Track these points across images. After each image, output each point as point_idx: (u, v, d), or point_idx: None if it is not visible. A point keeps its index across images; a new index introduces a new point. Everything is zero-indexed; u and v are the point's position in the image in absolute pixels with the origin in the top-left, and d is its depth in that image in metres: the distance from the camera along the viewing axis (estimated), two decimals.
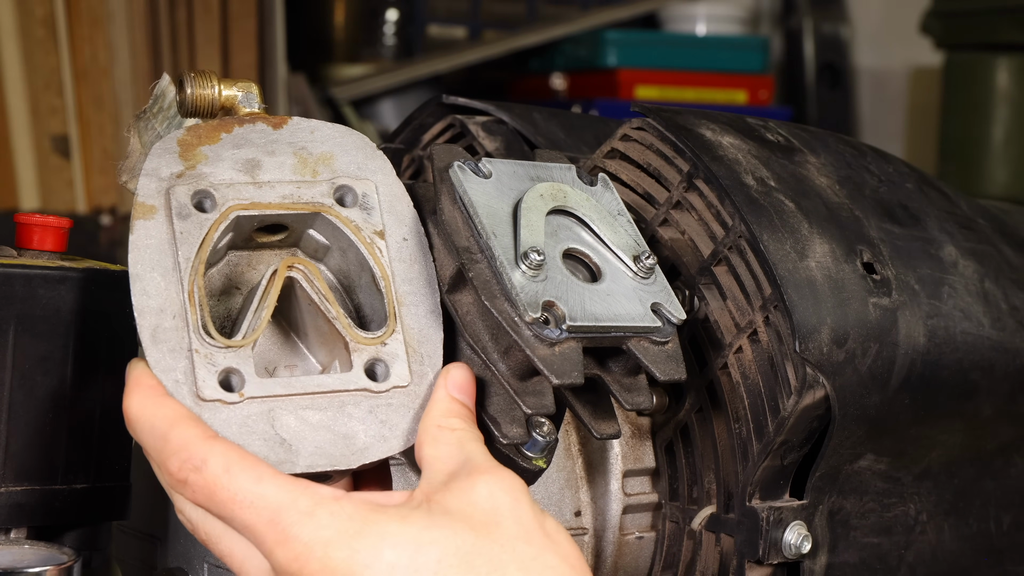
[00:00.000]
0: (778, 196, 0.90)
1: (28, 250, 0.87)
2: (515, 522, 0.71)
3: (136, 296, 0.76)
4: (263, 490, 0.70)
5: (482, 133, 1.03)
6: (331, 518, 0.70)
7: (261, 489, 0.70)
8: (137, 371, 0.75)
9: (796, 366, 0.84)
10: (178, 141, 0.80)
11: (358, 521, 0.70)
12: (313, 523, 0.69)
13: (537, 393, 0.80)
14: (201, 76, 0.83)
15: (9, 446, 0.82)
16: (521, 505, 0.72)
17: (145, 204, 0.78)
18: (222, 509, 0.71)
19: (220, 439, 0.72)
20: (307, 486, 0.71)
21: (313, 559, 0.69)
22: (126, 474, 0.87)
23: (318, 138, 0.83)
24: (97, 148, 2.62)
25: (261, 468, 0.71)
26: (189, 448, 0.71)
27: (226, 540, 0.72)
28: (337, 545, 0.69)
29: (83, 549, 0.86)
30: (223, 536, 0.72)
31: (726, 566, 0.87)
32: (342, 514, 0.70)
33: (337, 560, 0.69)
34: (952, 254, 0.96)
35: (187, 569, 0.87)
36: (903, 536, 0.93)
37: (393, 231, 0.82)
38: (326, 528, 0.69)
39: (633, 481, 0.91)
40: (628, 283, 0.83)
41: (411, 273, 0.82)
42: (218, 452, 0.71)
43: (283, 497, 0.70)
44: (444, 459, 0.74)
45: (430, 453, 0.75)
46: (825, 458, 0.87)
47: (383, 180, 0.84)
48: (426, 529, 0.70)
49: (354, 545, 0.69)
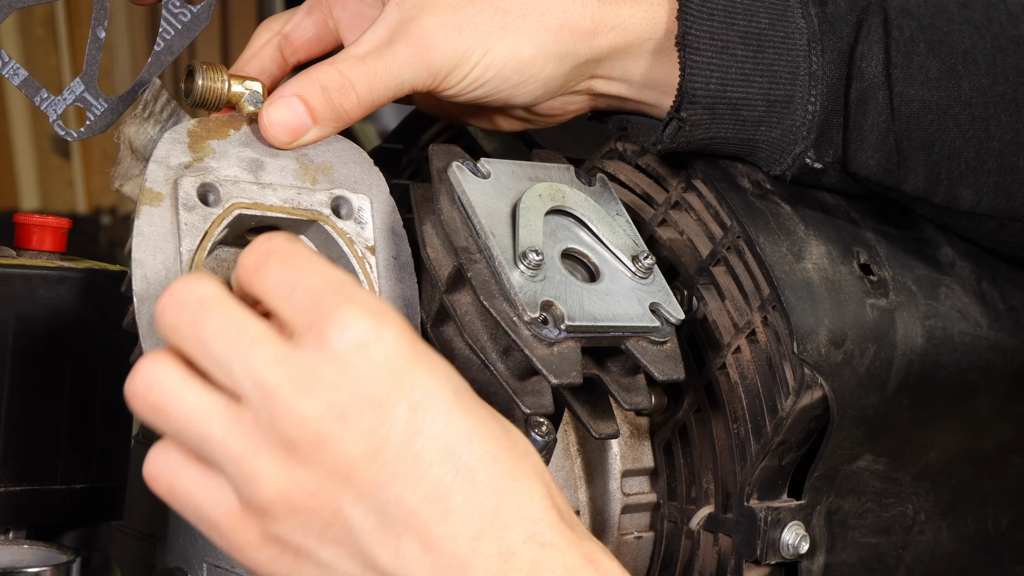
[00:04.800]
0: (774, 199, 0.90)
1: (27, 250, 0.87)
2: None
3: (137, 282, 0.76)
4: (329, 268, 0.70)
5: (480, 133, 1.03)
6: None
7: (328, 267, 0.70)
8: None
9: (794, 367, 0.85)
10: (188, 132, 0.81)
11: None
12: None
13: (536, 393, 0.80)
14: (212, 69, 0.83)
15: (8, 446, 0.82)
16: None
17: (152, 191, 0.78)
18: (293, 271, 0.69)
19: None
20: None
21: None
22: (125, 474, 0.87)
23: (320, 147, 0.84)
24: (97, 148, 2.62)
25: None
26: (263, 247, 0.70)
27: (194, 481, 0.70)
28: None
29: (82, 549, 0.86)
30: (191, 477, 0.70)
31: (724, 566, 0.87)
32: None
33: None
34: (949, 255, 0.96)
35: (186, 569, 0.87)
36: (901, 536, 0.93)
37: (383, 248, 0.83)
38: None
39: (632, 481, 0.91)
40: (627, 283, 0.83)
41: (396, 292, 0.83)
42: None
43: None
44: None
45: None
46: (823, 458, 0.87)
47: (378, 196, 0.85)
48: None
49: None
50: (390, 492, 0.67)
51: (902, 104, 0.89)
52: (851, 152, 0.89)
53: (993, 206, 0.93)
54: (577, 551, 0.68)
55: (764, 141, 0.89)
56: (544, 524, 0.68)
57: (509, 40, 0.84)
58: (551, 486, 0.70)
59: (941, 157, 0.90)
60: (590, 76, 0.89)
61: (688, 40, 0.85)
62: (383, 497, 0.67)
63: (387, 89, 0.83)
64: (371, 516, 0.67)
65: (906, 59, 0.89)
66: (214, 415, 0.68)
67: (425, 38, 0.83)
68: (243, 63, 0.91)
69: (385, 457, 0.67)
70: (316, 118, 0.82)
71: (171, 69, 2.40)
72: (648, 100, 0.90)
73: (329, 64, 0.83)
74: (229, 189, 0.80)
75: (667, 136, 0.87)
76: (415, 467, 0.67)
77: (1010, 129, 0.91)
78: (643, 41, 0.88)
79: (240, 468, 0.68)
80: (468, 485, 0.67)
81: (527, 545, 0.67)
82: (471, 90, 0.86)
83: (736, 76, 0.86)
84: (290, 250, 0.69)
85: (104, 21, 0.85)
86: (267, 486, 0.67)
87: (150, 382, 0.69)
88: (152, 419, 0.70)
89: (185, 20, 0.87)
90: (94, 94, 0.85)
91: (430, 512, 0.67)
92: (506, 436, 0.69)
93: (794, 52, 0.87)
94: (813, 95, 0.87)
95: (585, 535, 0.70)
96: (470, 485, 0.67)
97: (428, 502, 0.67)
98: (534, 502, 0.68)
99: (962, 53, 0.90)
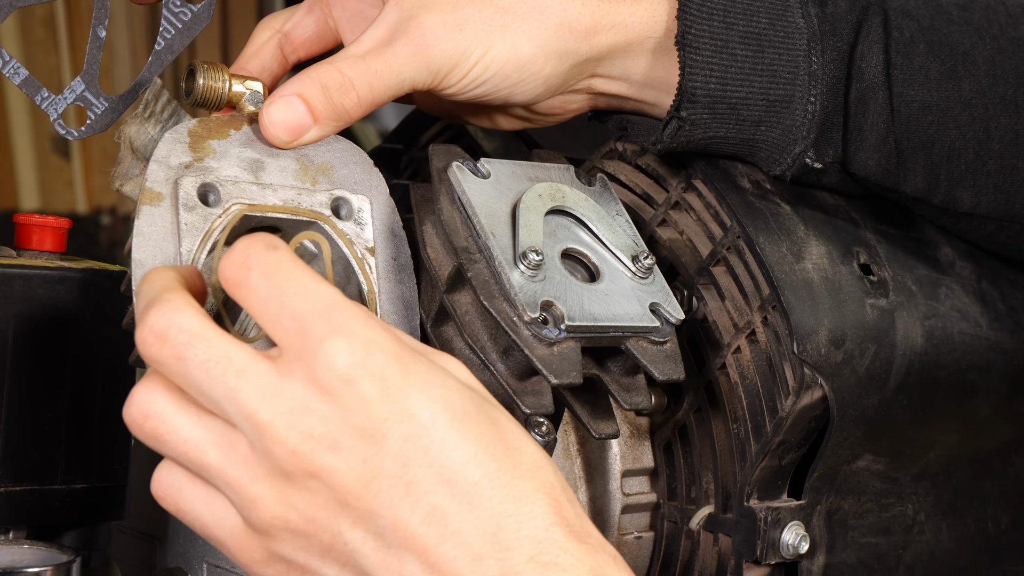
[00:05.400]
0: (774, 199, 0.90)
1: (27, 250, 0.87)
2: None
3: (137, 281, 0.76)
4: (321, 286, 0.69)
5: (480, 133, 1.03)
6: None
7: (319, 284, 0.69)
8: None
9: (794, 367, 0.85)
10: (189, 131, 0.81)
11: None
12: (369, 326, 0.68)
13: (536, 393, 0.80)
14: (213, 68, 0.84)
15: (8, 446, 0.82)
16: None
17: (153, 190, 0.78)
18: (276, 290, 0.68)
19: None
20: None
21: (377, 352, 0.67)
22: (125, 474, 0.87)
23: (320, 147, 0.84)
24: (97, 148, 2.62)
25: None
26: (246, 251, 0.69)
27: (200, 500, 0.70)
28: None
29: (82, 549, 0.86)
30: (197, 497, 0.70)
31: (724, 566, 0.87)
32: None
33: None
34: (949, 255, 0.97)
35: (186, 569, 0.87)
36: (901, 536, 0.93)
37: (383, 250, 0.83)
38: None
39: (632, 481, 0.91)
40: (627, 283, 0.83)
41: (396, 293, 0.83)
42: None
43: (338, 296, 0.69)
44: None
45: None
46: (823, 458, 0.87)
47: (378, 197, 0.85)
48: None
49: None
50: (387, 518, 0.67)
51: (902, 105, 0.89)
52: (851, 152, 0.89)
53: (992, 208, 0.93)
54: (584, 567, 0.67)
55: (764, 141, 0.89)
56: (547, 544, 0.67)
57: (509, 38, 0.85)
58: (559, 500, 0.69)
59: (940, 158, 0.90)
60: (590, 75, 0.89)
61: (688, 39, 0.85)
62: (381, 523, 0.67)
63: (387, 88, 0.83)
64: (370, 540, 0.68)
65: (906, 60, 0.89)
66: (209, 444, 0.68)
67: (425, 36, 0.83)
68: (244, 61, 0.91)
69: (379, 486, 0.67)
70: (316, 117, 0.82)
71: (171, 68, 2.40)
72: (648, 99, 0.90)
73: (329, 63, 0.83)
74: (229, 189, 0.80)
75: (667, 135, 0.87)
76: (410, 494, 0.67)
77: (1009, 131, 0.91)
78: (643, 40, 0.88)
79: (239, 493, 0.68)
80: (466, 509, 0.67)
81: (530, 566, 0.67)
82: (471, 88, 0.86)
83: (736, 75, 0.86)
84: (269, 263, 0.68)
85: (105, 20, 0.85)
86: (266, 511, 0.68)
87: (146, 412, 0.69)
88: (152, 445, 0.70)
89: (185, 19, 0.87)
90: (95, 93, 0.85)
91: (428, 535, 0.67)
92: (509, 456, 0.69)
93: (794, 52, 0.87)
94: (813, 95, 0.87)
95: (598, 546, 0.69)
96: (468, 509, 0.67)
97: (426, 526, 0.67)
98: (536, 521, 0.68)
99: (962, 54, 0.90)
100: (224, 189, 0.80)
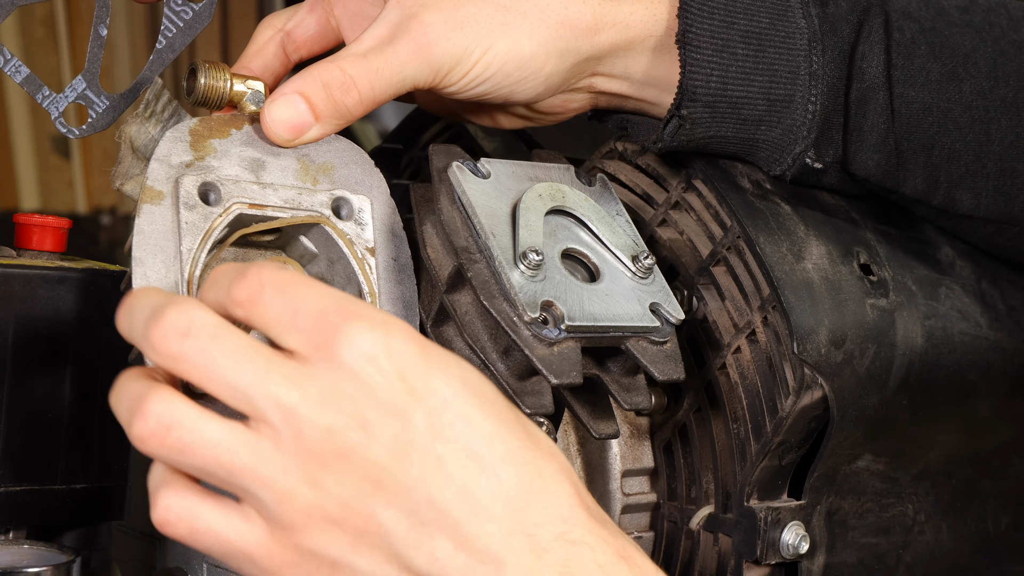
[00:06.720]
0: (774, 199, 0.90)
1: (27, 250, 0.87)
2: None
3: (137, 280, 0.76)
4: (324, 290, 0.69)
5: (480, 133, 1.03)
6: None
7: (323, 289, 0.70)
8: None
9: (794, 367, 0.85)
10: (190, 130, 0.81)
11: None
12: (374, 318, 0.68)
13: (536, 393, 0.80)
14: (215, 68, 0.84)
15: (8, 446, 0.82)
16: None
17: (153, 189, 0.78)
18: (291, 299, 0.68)
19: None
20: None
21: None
22: (125, 474, 0.87)
23: (321, 147, 0.84)
24: (97, 148, 2.62)
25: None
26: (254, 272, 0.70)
27: (217, 518, 0.69)
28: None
29: (82, 549, 0.86)
30: (214, 516, 0.69)
31: (724, 566, 0.87)
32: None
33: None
34: (949, 255, 0.97)
35: (186, 569, 0.87)
36: (901, 536, 0.93)
37: (383, 250, 0.83)
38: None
39: (632, 481, 0.91)
40: (627, 283, 0.83)
41: (396, 293, 0.83)
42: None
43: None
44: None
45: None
46: (823, 458, 0.87)
47: (378, 198, 0.85)
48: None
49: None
50: (421, 494, 0.67)
51: (902, 105, 0.89)
52: (851, 152, 0.89)
53: (992, 210, 0.93)
54: (609, 547, 0.68)
55: (764, 140, 0.89)
56: (573, 522, 0.68)
57: (510, 36, 0.85)
58: (579, 485, 0.70)
59: (940, 159, 0.90)
60: (591, 73, 0.89)
61: (689, 38, 0.86)
62: (415, 499, 0.67)
63: (389, 86, 0.83)
64: (404, 519, 0.67)
65: (907, 61, 0.89)
66: (240, 445, 0.68)
67: (427, 35, 0.83)
68: (247, 60, 0.91)
69: (412, 460, 0.67)
70: (318, 115, 0.82)
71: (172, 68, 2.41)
72: (649, 98, 0.90)
73: (330, 61, 0.83)
74: (230, 188, 0.80)
75: (667, 134, 0.87)
76: (440, 469, 0.67)
77: (1010, 133, 0.91)
78: (644, 38, 0.88)
79: (272, 490, 0.68)
80: (495, 484, 0.67)
81: (557, 543, 0.67)
82: (473, 87, 0.86)
83: (736, 74, 0.87)
84: (283, 279, 0.69)
85: (106, 18, 0.85)
86: (300, 501, 0.68)
87: (168, 423, 0.67)
88: (174, 459, 0.68)
89: (187, 18, 0.87)
90: (96, 92, 0.85)
91: (460, 511, 0.67)
92: (529, 437, 0.69)
93: (794, 51, 0.87)
94: (813, 95, 0.87)
95: (617, 532, 0.70)
96: (497, 484, 0.67)
97: (457, 502, 0.67)
98: (562, 500, 0.68)
99: (963, 56, 0.90)
100: (225, 188, 0.80)
